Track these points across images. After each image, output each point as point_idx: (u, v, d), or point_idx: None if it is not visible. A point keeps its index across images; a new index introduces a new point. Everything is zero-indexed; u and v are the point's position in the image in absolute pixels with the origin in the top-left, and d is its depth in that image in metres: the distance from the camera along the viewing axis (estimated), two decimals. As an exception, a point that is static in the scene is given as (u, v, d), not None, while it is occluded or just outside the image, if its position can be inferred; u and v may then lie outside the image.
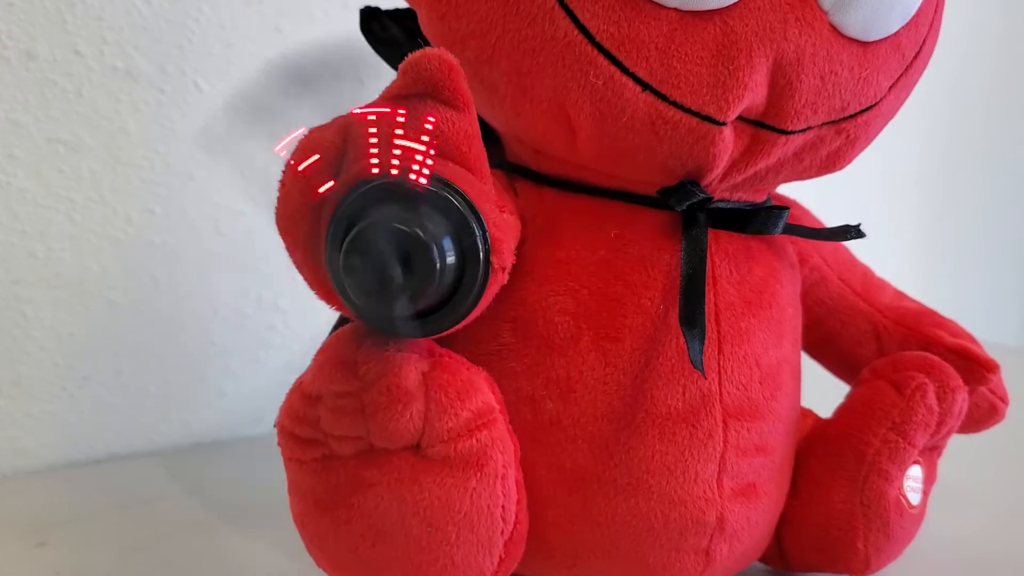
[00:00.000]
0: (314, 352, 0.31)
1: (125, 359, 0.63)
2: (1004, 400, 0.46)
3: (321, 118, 0.29)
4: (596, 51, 0.32)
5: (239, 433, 0.69)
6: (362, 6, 0.42)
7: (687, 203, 0.35)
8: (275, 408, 0.31)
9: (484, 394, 0.30)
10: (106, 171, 0.60)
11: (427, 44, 0.37)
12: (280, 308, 0.69)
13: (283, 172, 0.28)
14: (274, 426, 0.31)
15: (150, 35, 0.61)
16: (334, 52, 0.66)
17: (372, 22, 0.41)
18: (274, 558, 0.47)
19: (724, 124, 0.33)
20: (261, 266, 0.68)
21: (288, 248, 0.29)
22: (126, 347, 0.63)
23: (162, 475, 0.60)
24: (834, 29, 0.34)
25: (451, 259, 0.25)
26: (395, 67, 0.42)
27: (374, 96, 0.29)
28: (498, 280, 0.28)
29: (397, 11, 0.41)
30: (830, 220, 0.46)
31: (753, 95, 0.33)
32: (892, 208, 1.30)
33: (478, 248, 0.26)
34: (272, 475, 0.58)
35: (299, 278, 0.30)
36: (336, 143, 0.28)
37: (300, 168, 0.28)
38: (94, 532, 0.50)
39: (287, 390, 0.31)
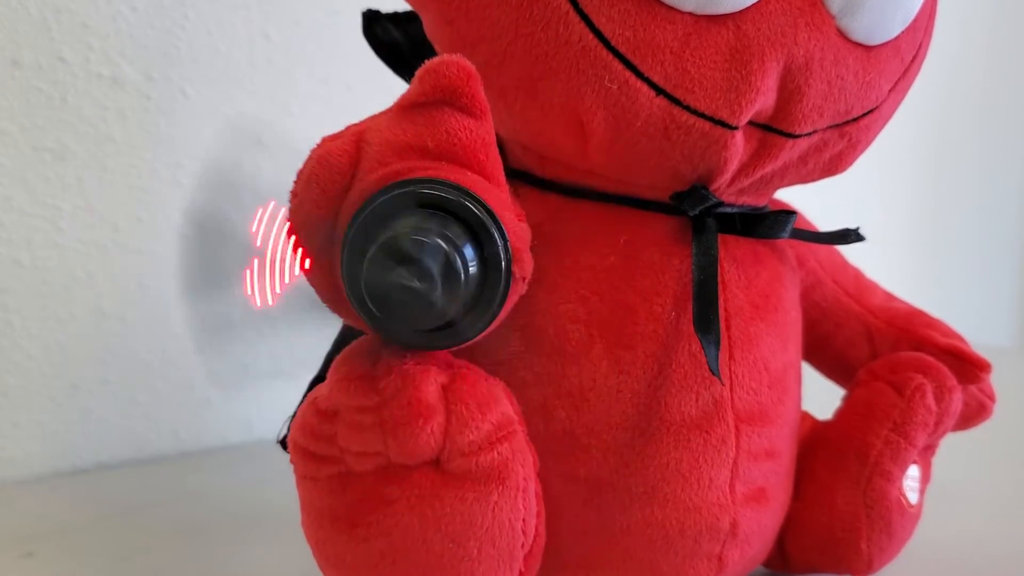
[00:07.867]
0: (302, 360, 0.30)
1: (112, 367, 0.63)
2: (992, 398, 0.46)
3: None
4: (611, 55, 0.31)
5: (227, 441, 0.67)
6: (363, 9, 0.41)
7: (700, 207, 0.35)
8: (263, 416, 0.30)
9: (504, 406, 0.29)
10: (92, 179, 0.60)
11: (431, 48, 0.36)
12: (268, 315, 0.69)
13: (295, 181, 0.28)
14: (278, 442, 0.30)
15: (136, 42, 0.60)
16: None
17: (374, 25, 0.41)
18: (263, 566, 0.47)
19: (736, 128, 0.33)
20: (248, 272, 0.67)
21: (299, 259, 0.29)
22: (113, 355, 0.62)
23: (150, 484, 0.60)
24: (840, 33, 0.34)
25: (473, 268, 0.25)
26: (396, 70, 0.42)
27: (364, 100, 0.29)
28: (518, 290, 0.27)
29: (396, 14, 0.41)
30: (823, 222, 0.46)
31: (764, 99, 0.33)
32: (884, 210, 1.31)
33: (500, 257, 0.26)
34: (260, 483, 0.58)
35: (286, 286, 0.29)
36: (350, 152, 0.27)
37: (314, 177, 0.27)
38: (82, 542, 0.50)
39: (275, 398, 0.30)
